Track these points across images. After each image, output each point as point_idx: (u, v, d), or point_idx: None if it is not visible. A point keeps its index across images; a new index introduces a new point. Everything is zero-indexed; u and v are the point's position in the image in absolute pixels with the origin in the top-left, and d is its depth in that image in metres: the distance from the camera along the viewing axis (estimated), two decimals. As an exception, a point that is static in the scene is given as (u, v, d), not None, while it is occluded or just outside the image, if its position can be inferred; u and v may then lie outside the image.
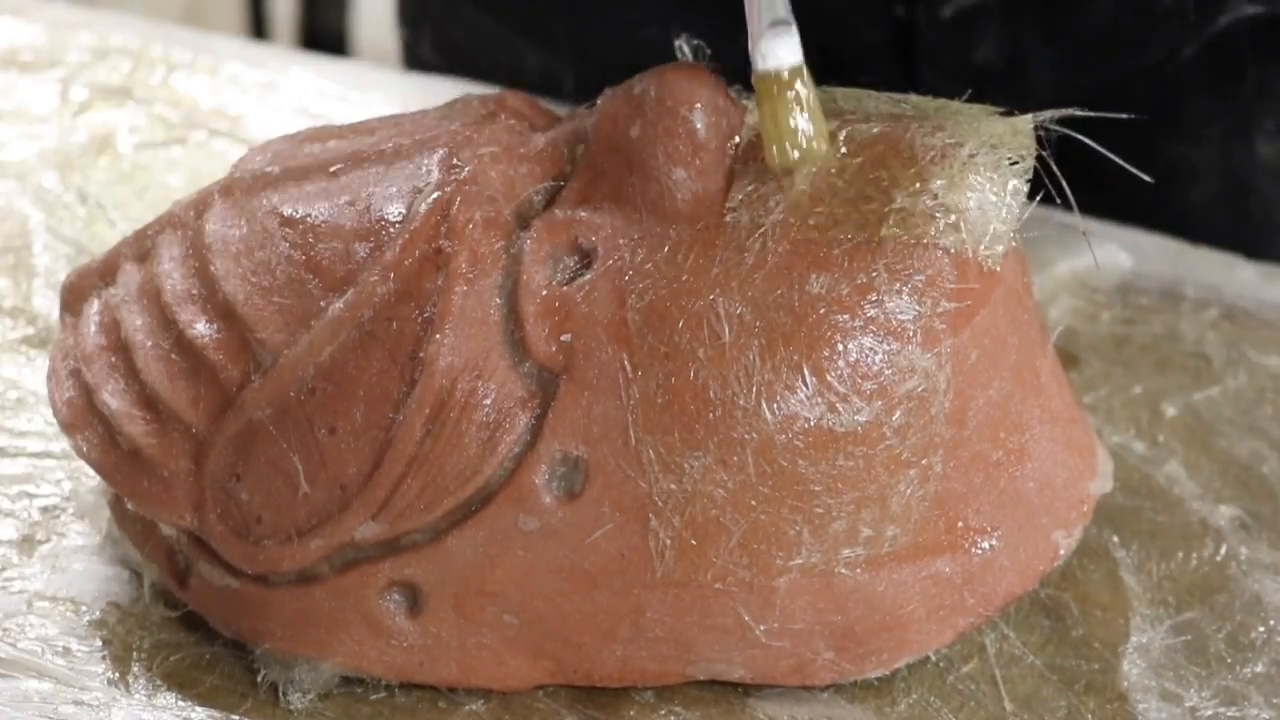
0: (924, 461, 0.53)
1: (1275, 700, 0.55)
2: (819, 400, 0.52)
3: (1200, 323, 0.71)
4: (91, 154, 0.79)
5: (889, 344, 0.52)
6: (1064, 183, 0.55)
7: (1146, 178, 0.56)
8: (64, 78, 0.84)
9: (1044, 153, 0.55)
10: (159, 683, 0.55)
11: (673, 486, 0.52)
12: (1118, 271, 0.73)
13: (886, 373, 0.52)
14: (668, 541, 0.52)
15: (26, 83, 0.84)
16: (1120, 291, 0.72)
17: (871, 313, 0.52)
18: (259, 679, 0.55)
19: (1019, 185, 0.55)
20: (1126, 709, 0.55)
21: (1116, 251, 0.74)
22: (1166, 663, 0.56)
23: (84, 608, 0.57)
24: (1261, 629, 0.57)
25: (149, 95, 0.83)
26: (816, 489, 0.52)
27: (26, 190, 0.76)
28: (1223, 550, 0.60)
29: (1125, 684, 0.55)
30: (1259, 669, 0.56)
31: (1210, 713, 0.55)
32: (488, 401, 0.52)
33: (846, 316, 0.52)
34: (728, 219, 0.53)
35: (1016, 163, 0.54)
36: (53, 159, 0.78)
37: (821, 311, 0.52)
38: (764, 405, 0.51)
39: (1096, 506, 0.58)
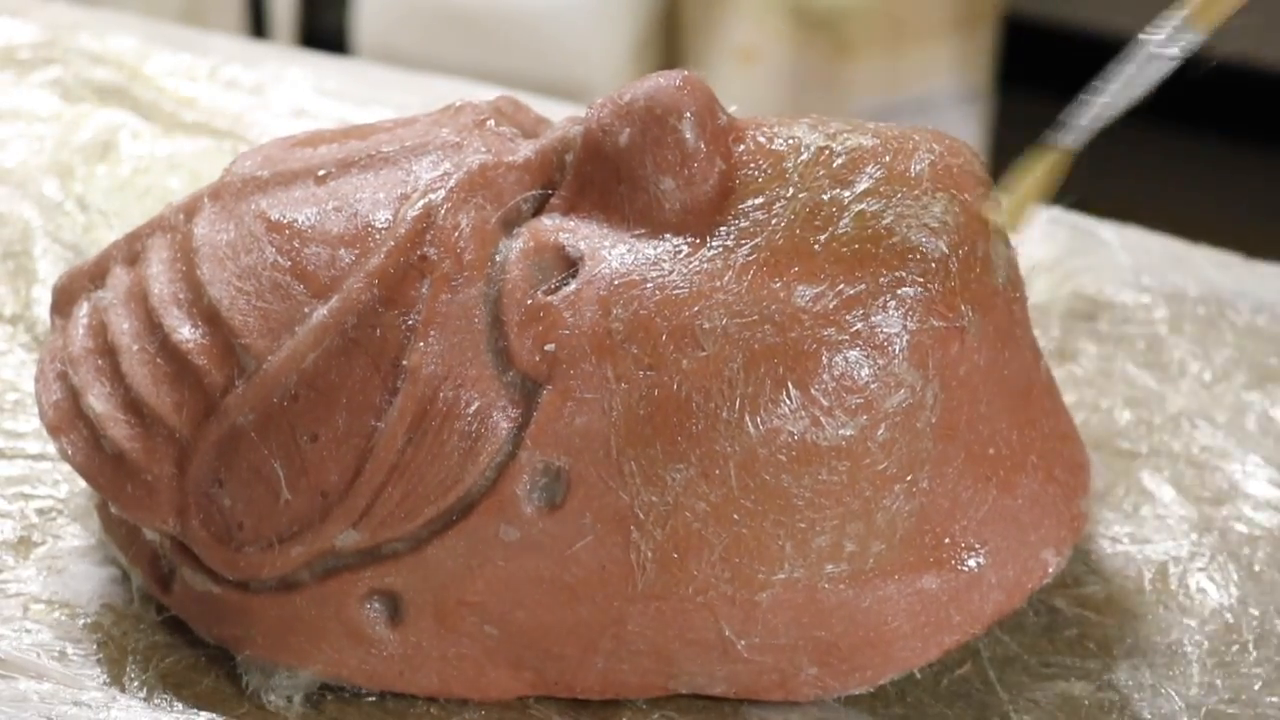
0: (909, 477, 0.52)
1: (1276, 699, 0.55)
2: (802, 414, 0.51)
3: (1200, 322, 0.70)
4: (91, 156, 0.79)
5: (875, 358, 0.52)
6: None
7: None
8: (62, 77, 0.84)
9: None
10: (155, 684, 0.54)
11: (654, 499, 0.51)
12: (1118, 272, 0.73)
13: (872, 387, 0.52)
14: (649, 554, 0.51)
15: (25, 82, 0.84)
16: (1121, 292, 0.72)
17: (857, 326, 0.52)
18: (243, 684, 0.54)
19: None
20: (1127, 706, 0.54)
21: (1117, 251, 0.74)
22: (1166, 660, 0.56)
23: (79, 610, 0.57)
24: (1262, 628, 0.57)
25: (148, 96, 0.83)
26: (799, 503, 0.51)
27: (27, 195, 0.76)
28: (1222, 549, 0.60)
29: (1125, 682, 0.55)
30: (1259, 668, 0.56)
31: (1210, 710, 0.54)
32: (470, 410, 0.52)
33: (832, 330, 0.52)
34: (715, 230, 0.53)
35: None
36: (52, 161, 0.78)
37: (806, 324, 0.51)
38: (747, 418, 0.51)
39: (1095, 506, 0.58)
